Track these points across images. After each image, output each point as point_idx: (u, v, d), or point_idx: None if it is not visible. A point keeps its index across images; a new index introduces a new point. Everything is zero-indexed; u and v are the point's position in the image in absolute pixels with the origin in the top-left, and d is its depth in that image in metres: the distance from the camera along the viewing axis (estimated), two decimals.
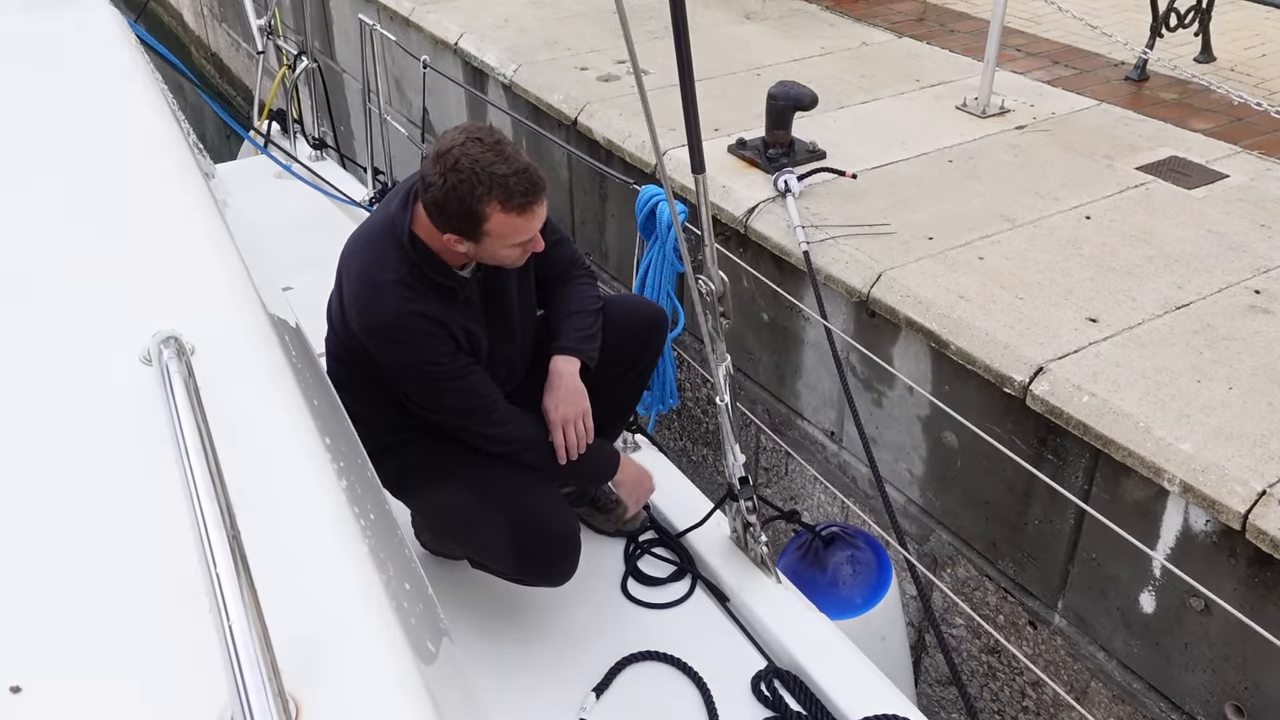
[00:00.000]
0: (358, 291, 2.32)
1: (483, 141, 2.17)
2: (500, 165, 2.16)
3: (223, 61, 11.16)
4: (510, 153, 2.19)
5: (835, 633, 2.66)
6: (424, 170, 2.22)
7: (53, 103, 2.58)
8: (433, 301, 2.31)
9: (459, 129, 2.24)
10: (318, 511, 1.39)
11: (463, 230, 2.22)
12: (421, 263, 2.30)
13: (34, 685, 1.10)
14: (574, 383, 2.50)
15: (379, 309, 2.28)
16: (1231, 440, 2.75)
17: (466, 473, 2.48)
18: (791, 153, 4.18)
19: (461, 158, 2.15)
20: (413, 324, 2.28)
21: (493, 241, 2.24)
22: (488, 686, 2.47)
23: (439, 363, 2.33)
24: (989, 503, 3.36)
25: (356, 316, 2.31)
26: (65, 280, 1.84)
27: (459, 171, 2.15)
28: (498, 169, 2.16)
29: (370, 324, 2.30)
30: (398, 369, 2.36)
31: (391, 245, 2.31)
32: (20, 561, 1.26)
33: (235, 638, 1.05)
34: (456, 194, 2.16)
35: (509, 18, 6.06)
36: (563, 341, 2.54)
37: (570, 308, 2.59)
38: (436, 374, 2.35)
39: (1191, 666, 2.90)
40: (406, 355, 2.32)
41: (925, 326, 3.32)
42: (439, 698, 1.24)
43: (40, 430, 1.47)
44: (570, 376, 2.50)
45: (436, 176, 2.17)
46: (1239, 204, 3.93)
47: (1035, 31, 5.87)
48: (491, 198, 2.16)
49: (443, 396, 2.40)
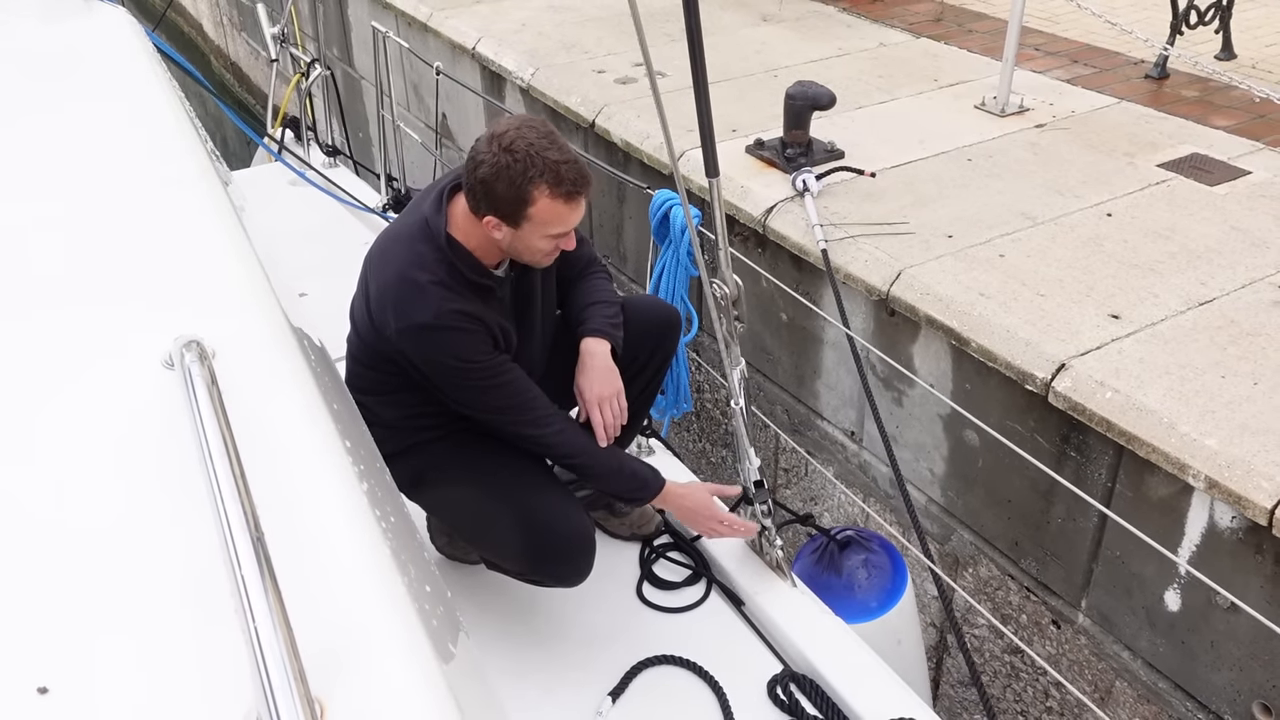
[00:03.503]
0: (396, 294, 2.31)
1: (538, 129, 2.23)
2: (553, 152, 2.22)
3: (242, 70, 11.24)
4: (562, 143, 2.25)
5: (851, 636, 2.65)
6: (475, 150, 2.25)
7: (73, 111, 2.61)
8: (472, 301, 2.32)
9: (515, 118, 2.29)
10: (340, 514, 1.39)
11: (506, 213, 2.23)
12: (459, 263, 2.32)
13: (61, 687, 1.11)
14: (607, 362, 2.52)
15: (419, 310, 2.28)
16: (1257, 435, 2.73)
17: (481, 473, 2.49)
18: (810, 152, 4.17)
19: (517, 140, 2.20)
20: (454, 322, 2.29)
21: (532, 229, 2.25)
22: (504, 690, 2.46)
23: (478, 360, 2.34)
24: (1011, 501, 3.34)
25: (394, 319, 2.30)
26: (87, 286, 1.86)
27: (513, 152, 2.19)
28: (550, 155, 2.21)
29: (410, 325, 2.29)
30: (437, 368, 2.35)
31: (428, 247, 2.31)
32: (46, 564, 1.27)
33: (261, 639, 1.06)
34: (508, 174, 2.19)
35: (526, 22, 6.07)
36: (593, 324, 2.56)
37: (594, 298, 2.62)
38: (476, 371, 2.35)
39: (1218, 665, 2.87)
40: (447, 354, 2.32)
41: (946, 324, 3.31)
42: (460, 698, 1.24)
43: (65, 434, 1.48)
44: (603, 357, 2.53)
45: (489, 155, 2.20)
46: (1262, 200, 3.90)
47: (1054, 30, 5.84)
48: (542, 180, 2.19)
49: (483, 395, 2.40)
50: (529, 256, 2.35)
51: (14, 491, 1.37)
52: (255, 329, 1.77)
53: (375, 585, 1.29)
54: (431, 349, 2.32)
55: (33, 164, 2.34)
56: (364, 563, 1.32)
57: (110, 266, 1.92)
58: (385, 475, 1.96)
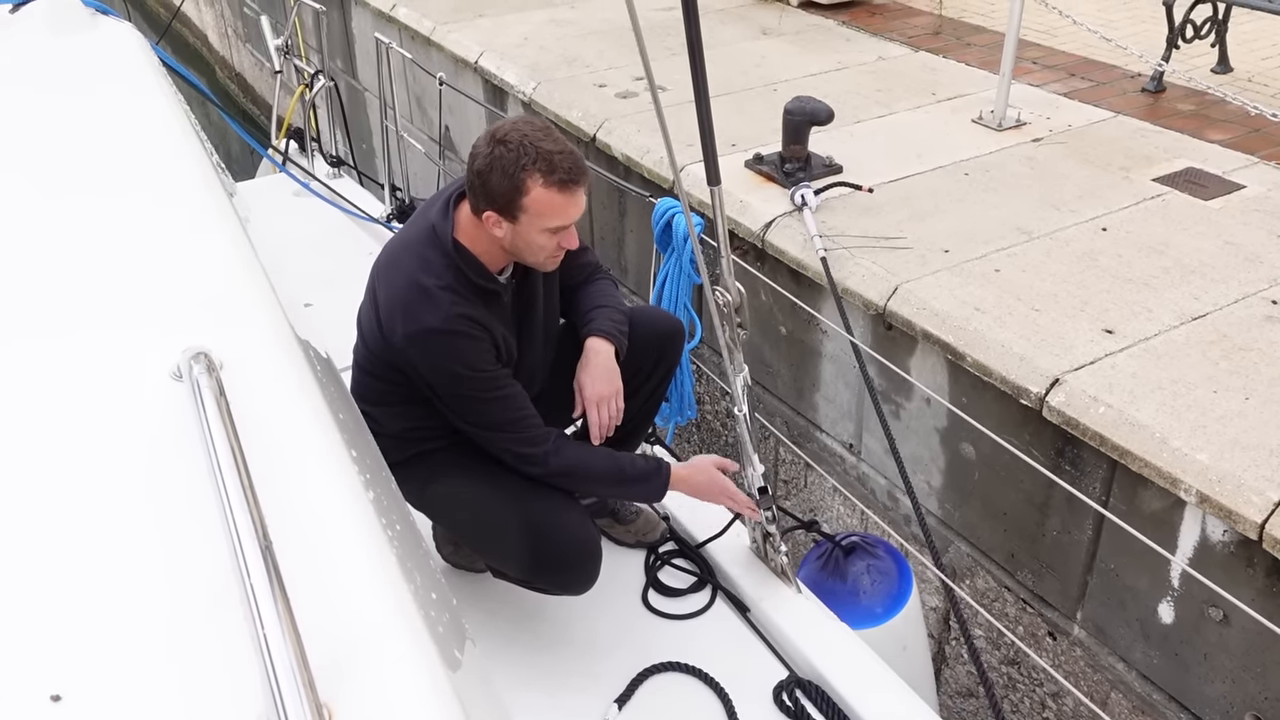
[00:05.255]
0: (404, 299, 2.32)
1: (534, 124, 2.26)
2: (547, 142, 2.24)
3: (247, 81, 11.29)
4: (558, 136, 2.27)
5: (857, 642, 2.65)
6: (474, 148, 2.28)
7: (79, 123, 2.62)
8: (478, 307, 2.33)
9: (513, 117, 2.34)
10: (347, 523, 1.41)
11: (502, 206, 2.25)
12: (466, 268, 2.33)
13: (73, 694, 1.13)
14: (609, 362, 2.52)
15: (427, 314, 2.28)
16: (1248, 450, 2.76)
17: (487, 482, 2.48)
18: (808, 167, 4.21)
19: (511, 132, 2.24)
20: (461, 327, 2.29)
21: (530, 221, 2.26)
22: (510, 699, 2.45)
23: (483, 369, 2.34)
24: (1007, 514, 3.37)
25: (401, 324, 2.31)
26: (94, 299, 1.87)
27: (507, 144, 2.22)
28: (544, 144, 2.23)
29: (417, 329, 2.29)
30: (440, 376, 2.35)
31: (435, 253, 2.33)
32: (57, 573, 1.28)
33: (270, 646, 1.08)
34: (501, 164, 2.21)
35: (528, 36, 6.12)
36: (598, 325, 2.56)
37: (600, 301, 2.62)
38: (478, 381, 2.35)
39: (1211, 677, 2.90)
40: (452, 361, 2.32)
41: (942, 339, 3.34)
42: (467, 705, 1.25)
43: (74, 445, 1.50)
44: (606, 356, 2.52)
45: (485, 149, 2.24)
46: (1256, 214, 3.94)
47: (1051, 44, 5.89)
48: (535, 169, 2.21)
49: (482, 407, 2.39)
50: (531, 256, 2.35)
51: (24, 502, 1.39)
52: (262, 340, 1.78)
53: (382, 593, 1.30)
54: (438, 354, 2.32)
55: (38, 176, 2.36)
56: (370, 571, 1.34)
57: (117, 279, 1.94)
58: (391, 484, 1.98)
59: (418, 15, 6.56)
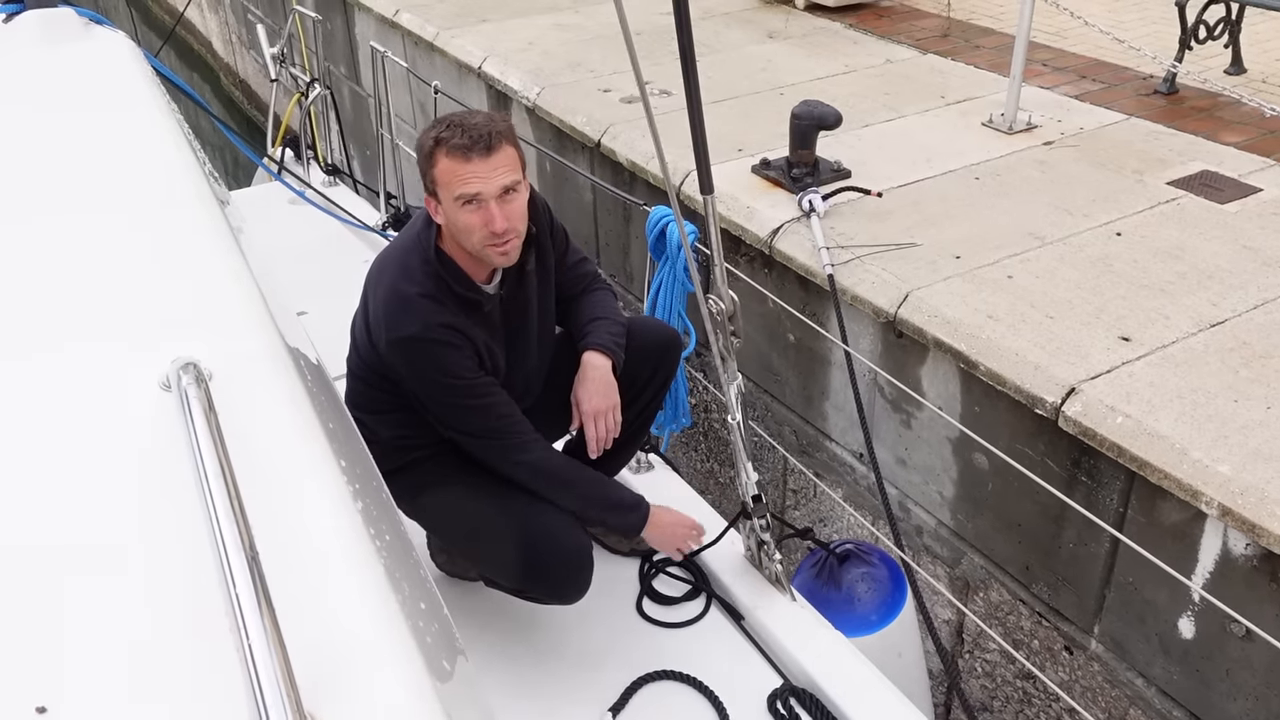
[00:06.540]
0: (386, 306, 2.36)
1: (465, 107, 2.30)
2: (458, 117, 2.28)
3: (251, 88, 11.29)
4: (479, 114, 2.32)
5: (851, 650, 2.66)
6: None
7: (70, 134, 2.62)
8: (458, 315, 2.35)
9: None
10: (334, 533, 1.41)
11: (427, 185, 2.30)
12: (447, 276, 2.35)
13: (58, 706, 1.11)
14: (607, 376, 2.55)
15: (406, 321, 2.32)
16: (1271, 461, 2.68)
17: (478, 490, 2.50)
18: (816, 172, 4.15)
19: (442, 116, 2.31)
20: (439, 335, 2.32)
21: (445, 195, 2.27)
22: (503, 707, 2.48)
23: (463, 376, 2.36)
24: (1021, 525, 3.30)
25: (385, 330, 2.35)
26: (84, 308, 1.86)
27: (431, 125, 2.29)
28: (454, 119, 2.27)
29: (398, 336, 2.33)
30: (423, 382, 2.38)
31: (417, 260, 2.36)
32: (42, 584, 1.27)
33: (255, 658, 1.08)
34: (419, 140, 2.29)
35: (533, 40, 6.07)
36: (596, 338, 2.59)
37: (598, 313, 2.65)
38: (460, 388, 2.37)
39: (1233, 694, 2.82)
40: (432, 368, 2.35)
41: (954, 347, 3.27)
42: (455, 715, 1.25)
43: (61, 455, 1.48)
44: (603, 370, 2.55)
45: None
46: (1273, 218, 3.86)
47: (1062, 46, 5.82)
48: (437, 137, 2.24)
49: (466, 414, 2.42)
50: (467, 242, 2.32)
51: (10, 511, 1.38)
52: (251, 350, 1.77)
53: (368, 604, 1.30)
54: (418, 362, 2.35)
55: (30, 186, 2.35)
56: (357, 581, 1.33)
57: (106, 289, 1.92)
58: (382, 493, 1.97)
59: (421, 21, 6.52)
